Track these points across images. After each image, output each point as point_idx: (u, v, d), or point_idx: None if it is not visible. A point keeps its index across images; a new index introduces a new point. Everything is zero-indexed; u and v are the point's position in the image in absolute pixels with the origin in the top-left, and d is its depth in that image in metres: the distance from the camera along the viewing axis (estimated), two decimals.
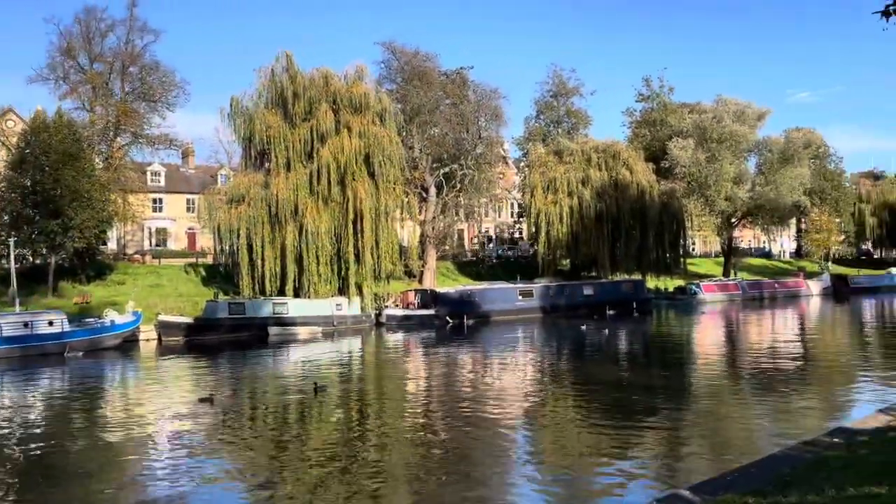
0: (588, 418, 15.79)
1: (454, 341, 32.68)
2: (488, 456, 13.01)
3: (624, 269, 50.27)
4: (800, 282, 60.43)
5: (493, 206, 64.86)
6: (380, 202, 37.32)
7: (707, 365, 24.79)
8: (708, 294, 52.07)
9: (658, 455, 12.86)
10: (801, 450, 9.34)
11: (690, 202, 57.17)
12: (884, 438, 8.55)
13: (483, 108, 49.43)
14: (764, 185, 59.82)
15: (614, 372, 23.10)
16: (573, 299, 43.84)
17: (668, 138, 59.56)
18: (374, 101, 39.26)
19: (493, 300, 41.20)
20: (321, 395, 18.38)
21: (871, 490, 5.46)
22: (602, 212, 47.45)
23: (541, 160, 51.10)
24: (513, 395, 19.26)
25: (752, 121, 60.13)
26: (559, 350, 29.97)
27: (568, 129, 60.25)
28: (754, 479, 7.49)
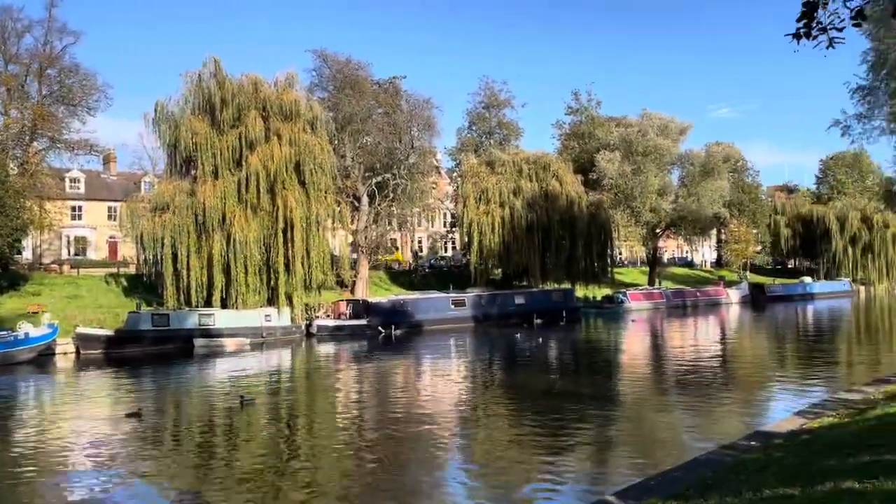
0: (519, 426, 15.94)
1: (386, 351, 32.49)
2: (420, 466, 12.95)
3: (554, 278, 51.15)
4: (720, 290, 62.82)
5: (426, 215, 64.99)
6: (311, 211, 36.81)
7: (634, 371, 25.43)
8: (634, 302, 53.49)
9: (588, 461, 13.08)
10: (721, 453, 9.66)
11: (617, 213, 58.72)
12: (797, 441, 8.93)
13: (416, 118, 49.48)
14: (686, 196, 62.03)
15: (544, 379, 23.42)
16: (505, 308, 44.30)
17: (595, 151, 61.08)
18: (305, 109, 38.77)
19: (426, 310, 41.19)
20: (248, 409, 17.92)
21: (785, 491, 5.67)
22: (533, 222, 48.16)
23: (473, 171, 51.53)
24: (445, 405, 19.26)
25: (675, 135, 62.33)
26: (491, 358, 30.18)
27: (500, 141, 61.02)
28: (677, 482, 7.69)
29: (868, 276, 77.42)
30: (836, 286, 72.25)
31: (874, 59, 26.18)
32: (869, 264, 77.29)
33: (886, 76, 25.52)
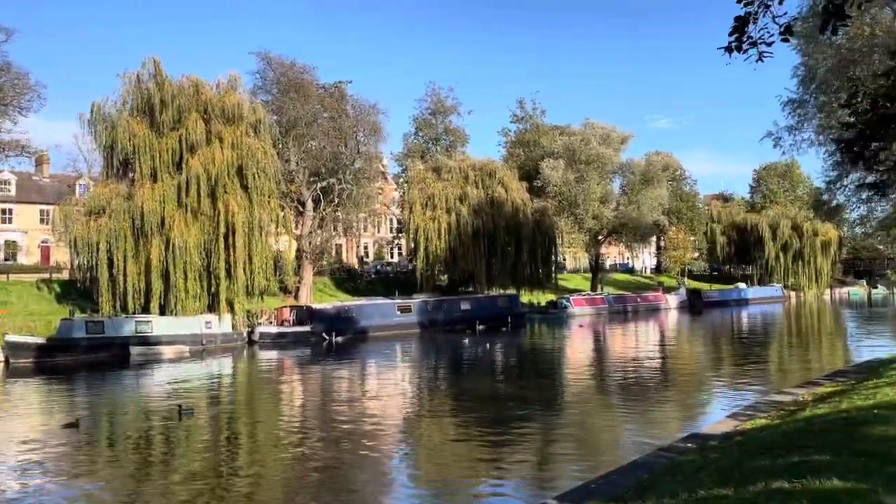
0: (464, 431, 15.97)
1: (331, 358, 32.13)
2: (364, 474, 12.84)
3: (500, 284, 51.57)
4: (659, 296, 64.38)
5: (371, 221, 64.68)
6: (253, 216, 36.21)
7: (577, 375, 25.80)
8: (577, 308, 54.33)
9: (532, 465, 13.19)
10: (659, 455, 9.87)
11: (561, 220, 59.64)
12: (731, 442, 9.19)
13: (362, 123, 49.25)
14: (627, 204, 63.45)
15: (489, 385, 23.55)
16: (451, 314, 44.40)
17: (540, 158, 61.94)
18: (248, 112, 38.16)
19: (371, 316, 40.95)
20: (187, 419, 17.45)
21: (719, 492, 5.82)
22: (479, 228, 48.46)
23: (420, 176, 51.58)
24: (390, 411, 19.16)
25: (617, 144, 63.74)
26: (437, 364, 30.19)
27: (446, 147, 61.27)
28: (616, 485, 7.83)
29: (798, 282, 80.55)
30: (768, 292, 74.93)
31: (804, 74, 27.34)
32: (799, 271, 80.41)
33: (815, 90, 26.66)
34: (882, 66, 14.95)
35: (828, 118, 24.89)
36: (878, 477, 5.27)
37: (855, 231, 46.90)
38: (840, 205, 31.99)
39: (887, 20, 21.76)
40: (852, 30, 22.84)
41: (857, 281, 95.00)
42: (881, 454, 5.99)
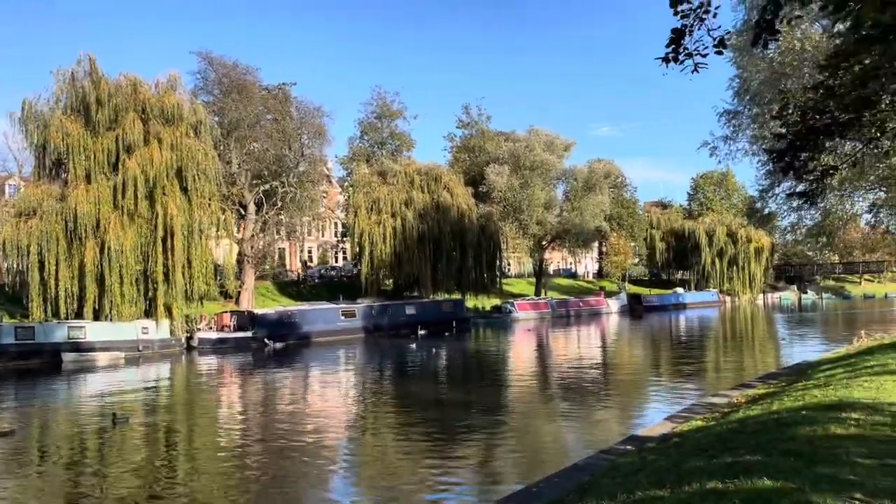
0: (407, 436, 15.91)
1: (272, 364, 31.60)
2: (306, 482, 12.64)
3: (445, 288, 51.67)
4: (601, 300, 65.60)
5: (316, 225, 64.03)
6: (193, 218, 35.39)
7: (521, 380, 26.02)
8: (522, 312, 54.88)
9: (475, 470, 13.21)
10: (599, 458, 10.03)
11: (506, 225, 60.19)
12: (668, 444, 9.40)
13: (306, 126, 48.73)
14: (570, 210, 64.47)
15: (434, 390, 23.54)
16: (396, 319, 44.25)
17: (485, 164, 62.40)
18: (189, 113, 37.32)
19: (315, 321, 40.47)
20: (122, 428, 16.88)
21: (656, 493, 5.93)
22: (424, 233, 48.47)
23: (365, 180, 51.32)
24: (333, 418, 18.94)
25: (560, 151, 64.74)
26: (381, 370, 30.01)
27: (392, 151, 61.14)
28: (557, 488, 7.91)
29: (733, 287, 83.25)
30: (705, 296, 77.23)
31: (739, 86, 28.32)
32: (734, 276, 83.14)
33: (749, 102, 27.64)
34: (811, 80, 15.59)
35: (761, 129, 25.83)
36: (805, 476, 5.46)
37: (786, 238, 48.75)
38: (772, 212, 33.21)
39: (816, 36, 22.72)
40: (784, 44, 23.79)
41: (788, 286, 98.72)
42: (808, 454, 6.22)
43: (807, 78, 19.65)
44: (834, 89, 10.35)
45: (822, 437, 6.87)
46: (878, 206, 28.41)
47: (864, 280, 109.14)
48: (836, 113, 11.04)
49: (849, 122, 10.89)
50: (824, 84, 10.67)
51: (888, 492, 5.02)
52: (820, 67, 11.54)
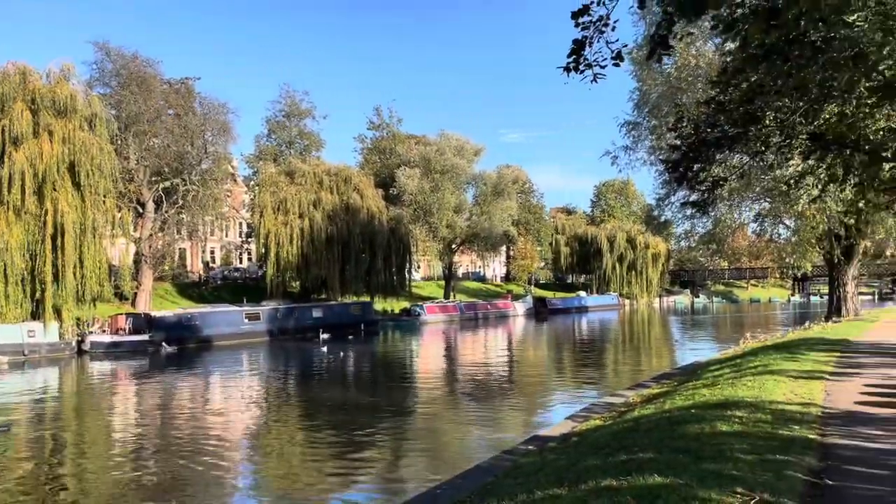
0: (312, 442, 15.63)
1: (171, 369, 30.33)
2: (205, 491, 12.18)
3: (353, 291, 51.19)
4: (508, 303, 66.82)
5: (219, 225, 62.06)
6: (86, 216, 33.56)
7: (427, 382, 26.10)
8: (430, 315, 55.11)
9: (381, 474, 13.12)
10: (502, 458, 10.18)
11: (416, 228, 60.38)
12: (568, 443, 9.66)
13: (210, 122, 47.14)
14: (480, 214, 65.40)
15: (340, 393, 23.25)
16: (302, 322, 43.45)
17: (396, 166, 62.41)
18: (83, 105, 35.34)
19: (217, 324, 39.19)
20: (4, 437, 15.75)
21: (554, 491, 6.06)
22: (333, 234, 47.89)
23: (272, 180, 50.21)
24: (234, 423, 18.37)
25: (471, 156, 65.57)
26: (286, 373, 29.38)
27: (300, 151, 60.13)
28: (460, 489, 7.97)
29: (632, 291, 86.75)
30: (606, 300, 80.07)
31: (639, 99, 29.56)
32: (633, 280, 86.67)
33: (648, 114, 28.89)
34: (704, 95, 16.44)
35: (658, 140, 27.06)
36: (692, 472, 5.73)
37: (681, 244, 51.33)
38: (668, 220, 34.88)
39: (709, 53, 24.02)
40: (680, 60, 25.03)
41: (682, 290, 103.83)
42: (696, 451, 6.53)
43: (700, 93, 20.71)
44: (724, 104, 10.95)
45: (709, 435, 7.23)
46: (763, 216, 30.37)
47: (751, 285, 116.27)
48: (725, 127, 11.69)
49: (737, 136, 11.54)
50: (715, 99, 11.28)
51: (766, 485, 5.33)
52: (711, 83, 12.17)
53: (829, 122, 10.41)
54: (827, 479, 5.77)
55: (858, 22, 8.75)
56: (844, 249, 31.45)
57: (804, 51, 7.93)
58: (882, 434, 7.35)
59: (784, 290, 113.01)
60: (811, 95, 9.64)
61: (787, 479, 5.59)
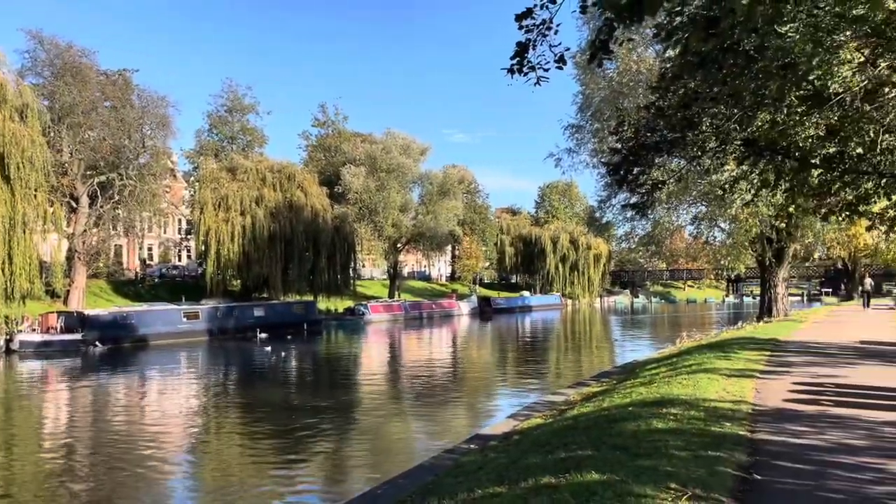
0: (253, 442, 15.36)
1: (105, 369, 29.38)
2: (141, 494, 11.84)
3: (296, 290, 50.55)
4: (452, 303, 67.08)
5: (157, 221, 60.41)
6: (16, 211, 32.19)
7: (371, 382, 25.96)
8: (375, 315, 54.85)
9: (324, 474, 13.00)
10: (444, 457, 10.20)
11: (361, 227, 60.01)
12: (509, 441, 9.74)
13: (149, 115, 45.83)
14: (425, 214, 65.46)
15: (281, 394, 22.92)
16: (243, 321, 42.65)
17: (342, 164, 61.93)
18: (13, 95, 33.88)
19: (153, 323, 38.13)
20: None
21: (495, 489, 6.10)
22: (276, 232, 47.17)
23: (213, 176, 49.18)
24: (171, 425, 17.90)
25: (417, 155, 65.58)
26: (225, 374, 28.81)
27: (243, 147, 59.09)
28: (401, 489, 7.96)
29: (574, 291, 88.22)
30: (549, 300, 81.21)
31: (582, 102, 30.07)
32: (575, 280, 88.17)
33: (591, 117, 29.41)
34: (644, 100, 16.83)
35: (600, 143, 27.58)
36: (629, 469, 5.85)
37: (621, 245, 52.40)
38: (610, 222, 35.55)
39: (650, 59, 24.60)
40: (622, 65, 25.57)
41: (623, 291, 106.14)
42: (632, 448, 6.67)
43: (641, 98, 21.19)
44: (663, 110, 11.23)
45: (645, 432, 7.40)
46: (700, 219, 31.29)
47: (688, 286, 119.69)
48: (664, 132, 11.99)
49: (675, 140, 11.85)
50: (655, 104, 11.56)
51: (699, 481, 5.49)
52: (651, 89, 12.47)
53: (762, 129, 10.78)
54: (756, 473, 5.97)
55: (790, 33, 9.10)
56: (775, 252, 32.64)
57: (738, 59, 8.20)
58: (807, 430, 7.66)
59: (719, 291, 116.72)
60: (745, 103, 9.97)
61: (719, 474, 5.76)
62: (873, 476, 5.88)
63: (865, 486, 5.61)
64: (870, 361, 13.85)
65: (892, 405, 9.02)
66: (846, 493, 5.47)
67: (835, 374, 12.01)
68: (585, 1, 5.66)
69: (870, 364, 13.46)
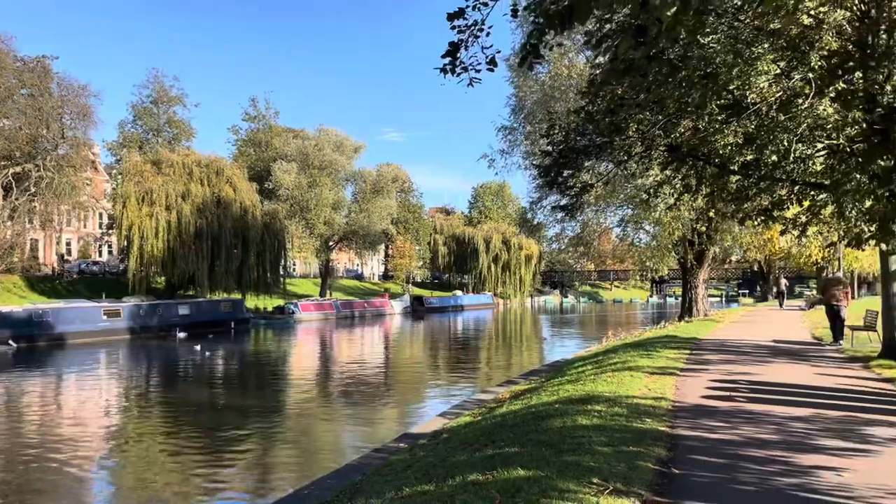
0: (176, 446, 14.90)
1: (18, 368, 27.97)
2: (57, 499, 11.33)
3: (224, 287, 49.35)
4: (385, 302, 66.83)
5: (77, 215, 57.96)
6: None
7: (300, 382, 25.59)
8: (305, 313, 54.11)
9: (249, 477, 12.73)
10: (373, 457, 10.18)
11: (293, 224, 59.08)
12: (438, 440, 9.79)
13: (69, 105, 43.95)
14: (358, 212, 65.02)
15: (206, 394, 22.35)
16: (167, 319, 41.36)
17: (272, 160, 60.83)
18: None
19: (72, 320, 36.56)
20: None
21: (422, 488, 6.13)
22: (203, 228, 45.95)
23: (137, 169, 47.46)
24: (90, 427, 17.19)
25: (350, 152, 65.05)
26: (148, 374, 27.87)
27: (169, 139, 57.31)
28: (329, 489, 7.89)
29: (506, 291, 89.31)
30: (481, 299, 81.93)
31: (515, 104, 30.51)
32: (507, 280, 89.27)
33: (524, 120, 29.87)
34: (574, 104, 17.20)
35: (532, 146, 28.05)
36: (554, 464, 5.98)
37: (552, 246, 53.32)
38: (541, 223, 36.17)
39: (580, 65, 25.16)
40: (554, 70, 26.06)
41: (552, 290, 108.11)
42: (557, 444, 6.82)
43: (572, 102, 21.65)
44: (592, 115, 11.53)
45: (570, 428, 7.57)
46: (626, 222, 32.21)
47: (614, 286, 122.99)
48: (593, 136, 12.31)
49: (603, 145, 12.18)
50: (584, 109, 11.85)
51: (620, 475, 5.66)
52: (581, 94, 12.76)
53: (685, 136, 11.18)
54: (674, 468, 6.20)
55: (712, 44, 9.48)
56: (696, 254, 33.89)
57: (663, 68, 8.49)
58: (722, 425, 8.00)
59: (644, 292, 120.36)
60: (669, 110, 10.32)
61: (639, 468, 5.96)
62: (781, 468, 6.20)
63: (773, 478, 5.91)
64: (781, 359, 14.57)
65: (800, 401, 9.52)
66: (756, 484, 5.75)
67: (749, 371, 12.58)
68: (516, 5, 5.76)
69: (781, 362, 14.15)
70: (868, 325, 17.35)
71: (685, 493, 5.53)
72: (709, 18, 8.57)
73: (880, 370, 12.44)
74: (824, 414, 8.61)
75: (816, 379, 11.72)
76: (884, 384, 11.12)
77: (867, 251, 23.13)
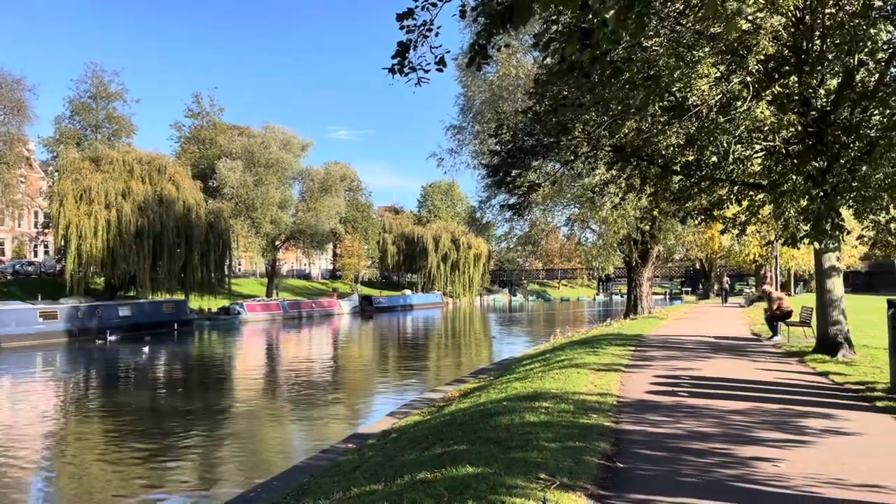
0: (118, 451, 14.47)
1: None
2: None
3: (166, 288, 48.17)
4: (333, 301, 66.25)
5: (11, 213, 55.74)
6: None
7: (246, 384, 25.17)
8: (251, 314, 53.22)
9: (193, 481, 12.44)
10: (321, 458, 10.08)
11: (238, 223, 58.01)
12: (387, 439, 9.76)
13: (2, 99, 42.22)
14: (306, 211, 64.26)
15: (148, 397, 21.78)
16: (107, 321, 40.10)
17: (217, 158, 59.64)
18: None
19: (5, 323, 35.14)
20: None
21: (371, 487, 6.11)
22: (144, 227, 44.77)
23: (74, 166, 45.91)
24: (25, 432, 16.53)
25: (297, 150, 64.24)
26: (86, 378, 26.99)
27: (108, 136, 55.61)
28: (275, 491, 7.78)
29: (455, 290, 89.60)
30: (430, 298, 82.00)
31: (464, 104, 30.65)
32: (456, 279, 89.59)
33: (472, 119, 30.02)
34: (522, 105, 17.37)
35: (481, 145, 28.23)
36: (502, 461, 6.03)
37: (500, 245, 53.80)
38: (489, 222, 36.44)
39: (529, 65, 25.42)
40: (502, 70, 26.27)
41: (501, 289, 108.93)
42: (505, 441, 6.88)
43: (519, 102, 21.87)
44: (539, 115, 11.66)
45: (518, 425, 7.65)
46: (573, 221, 32.71)
47: (562, 285, 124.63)
48: (540, 136, 12.45)
49: (550, 145, 12.34)
50: (532, 109, 11.98)
51: (566, 470, 5.75)
52: (529, 94, 12.90)
53: (629, 137, 11.42)
54: (618, 461, 6.33)
55: (655, 47, 9.70)
56: (641, 253, 34.65)
57: (606, 69, 8.64)
58: (665, 420, 8.19)
59: (591, 290, 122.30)
60: (613, 111, 10.52)
61: (585, 463, 6.06)
62: (721, 460, 6.39)
63: (714, 470, 6.09)
64: (721, 355, 15.01)
65: (739, 395, 9.83)
66: (697, 476, 5.91)
67: (691, 366, 12.92)
68: (465, 5, 5.78)
69: (721, 357, 14.59)
70: (803, 321, 18.00)
71: (629, 486, 5.64)
72: (651, 21, 8.76)
73: (815, 364, 12.94)
74: (762, 407, 8.91)
75: (755, 373, 12.11)
76: (818, 377, 11.57)
77: (802, 249, 24.02)
